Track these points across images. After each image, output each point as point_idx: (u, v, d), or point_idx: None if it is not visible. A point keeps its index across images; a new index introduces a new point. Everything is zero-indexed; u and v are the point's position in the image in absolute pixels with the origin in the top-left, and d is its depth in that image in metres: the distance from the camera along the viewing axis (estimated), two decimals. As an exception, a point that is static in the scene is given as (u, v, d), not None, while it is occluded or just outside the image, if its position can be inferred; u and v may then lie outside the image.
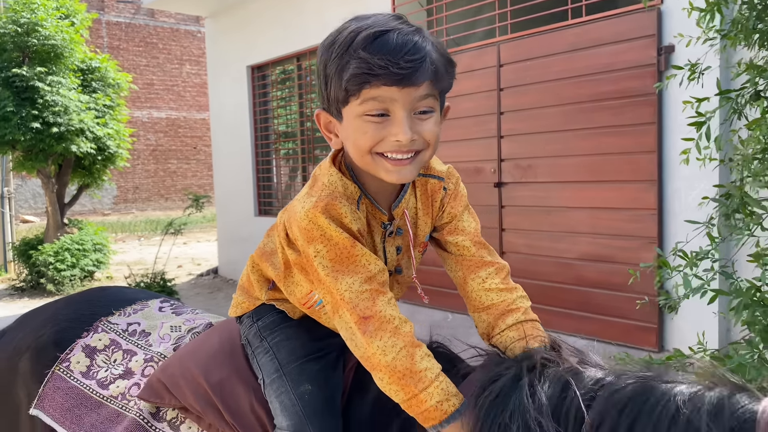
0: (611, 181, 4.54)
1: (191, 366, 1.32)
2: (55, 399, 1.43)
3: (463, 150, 5.62)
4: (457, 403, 1.03)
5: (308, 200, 1.12)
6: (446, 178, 1.30)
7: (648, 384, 0.89)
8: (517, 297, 1.26)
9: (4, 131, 8.40)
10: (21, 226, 16.56)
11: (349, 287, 1.07)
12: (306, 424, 1.10)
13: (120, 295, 1.70)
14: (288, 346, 1.21)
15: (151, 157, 23.82)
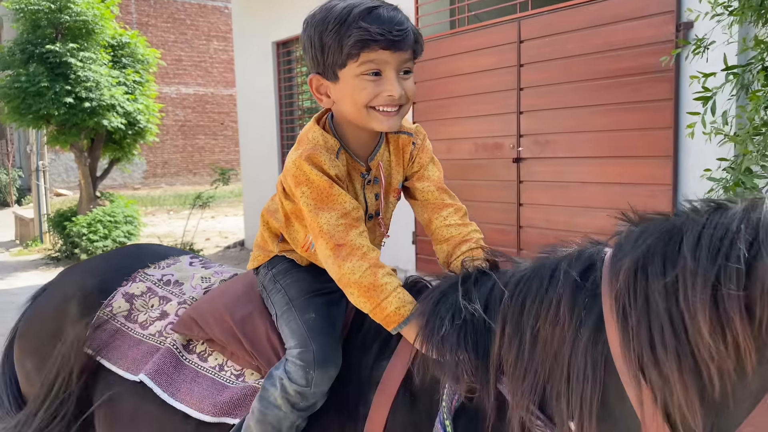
0: (628, 157, 4.60)
1: (218, 305, 1.53)
2: (101, 338, 1.63)
3: (482, 126, 5.70)
4: (411, 308, 1.24)
5: (295, 153, 1.35)
6: (415, 134, 1.51)
7: (538, 262, 1.12)
8: (471, 230, 1.47)
9: (39, 106, 8.68)
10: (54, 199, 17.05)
11: (327, 221, 1.28)
12: (309, 341, 1.30)
13: (154, 250, 1.92)
14: (297, 285, 1.42)
15: (180, 133, 24.18)
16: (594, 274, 1.00)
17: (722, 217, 0.87)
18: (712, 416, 0.84)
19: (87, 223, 9.39)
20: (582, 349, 0.94)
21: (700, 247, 0.85)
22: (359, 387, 1.28)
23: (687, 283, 0.84)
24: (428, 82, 6.22)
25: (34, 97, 8.69)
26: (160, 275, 1.74)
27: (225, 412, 1.40)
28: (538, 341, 1.01)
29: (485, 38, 5.59)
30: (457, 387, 1.10)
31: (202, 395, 1.44)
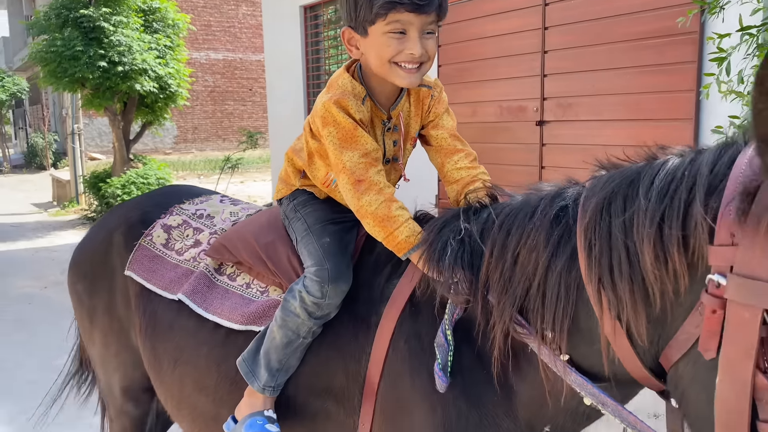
0: (650, 120, 4.63)
1: (246, 233, 1.71)
2: (143, 263, 1.83)
3: (506, 88, 5.74)
4: (419, 237, 1.39)
5: (325, 96, 1.48)
6: (433, 87, 1.63)
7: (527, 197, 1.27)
8: (479, 172, 1.61)
9: (74, 69, 8.92)
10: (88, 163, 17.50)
11: (349, 159, 1.43)
12: (324, 261, 1.47)
13: (189, 190, 2.13)
14: (315, 214, 1.58)
15: (209, 99, 24.42)
16: (569, 211, 1.14)
17: (675, 164, 1.02)
18: (658, 329, 1.01)
19: (121, 185, 9.69)
20: (557, 275, 1.10)
21: (652, 190, 1.00)
22: (371, 300, 1.45)
23: (639, 221, 0.99)
24: (453, 45, 6.26)
25: (69, 61, 8.93)
26: (194, 210, 1.93)
27: (251, 321, 1.58)
28: (518, 263, 1.17)
29: (510, 1, 5.60)
30: (455, 300, 1.25)
31: (231, 308, 1.63)
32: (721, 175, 0.93)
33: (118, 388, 1.93)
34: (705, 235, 0.92)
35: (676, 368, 0.99)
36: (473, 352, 1.27)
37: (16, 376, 4.18)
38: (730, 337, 0.87)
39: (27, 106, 28.82)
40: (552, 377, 1.15)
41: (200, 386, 1.65)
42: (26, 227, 9.99)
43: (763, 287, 0.83)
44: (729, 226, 0.88)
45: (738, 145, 0.97)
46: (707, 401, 0.92)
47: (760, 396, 0.85)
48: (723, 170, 0.94)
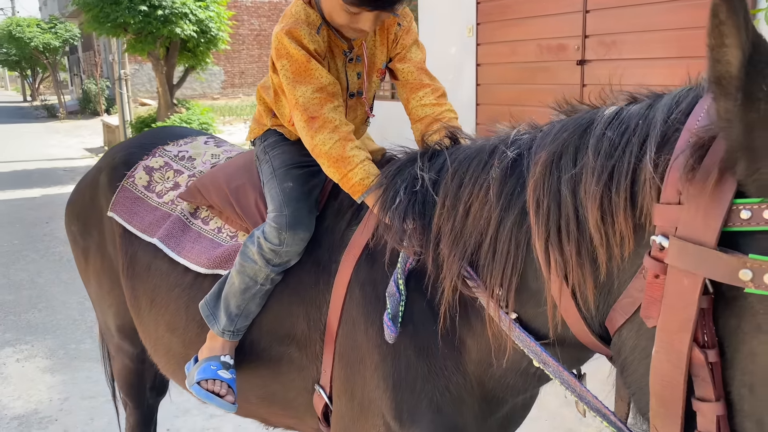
0: (698, 57, 4.34)
1: (219, 176, 1.68)
2: (125, 204, 1.83)
3: (545, 26, 5.48)
4: (375, 180, 1.32)
5: (278, 26, 1.39)
6: (401, 15, 1.51)
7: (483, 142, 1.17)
8: (444, 110, 1.50)
9: (116, 14, 9.00)
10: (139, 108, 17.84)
11: (303, 94, 1.35)
12: (284, 206, 1.42)
13: (176, 131, 2.10)
14: (281, 156, 1.52)
15: (255, 42, 24.34)
16: (524, 161, 1.05)
17: (630, 112, 0.91)
18: (605, 293, 0.94)
19: (165, 130, 9.85)
20: (508, 230, 1.03)
21: (603, 141, 0.90)
22: (332, 246, 1.40)
23: (587, 177, 0.90)
24: (493, -19, 5.99)
25: (111, 6, 9.00)
26: (176, 151, 1.91)
27: (217, 265, 1.57)
28: (469, 216, 1.09)
29: (553, -69, 5.28)
30: (406, 250, 1.19)
31: (200, 251, 1.62)
32: (677, 124, 0.83)
33: (114, 326, 1.97)
34: (653, 192, 0.83)
35: (619, 334, 0.92)
36: (425, 302, 1.21)
37: (60, 313, 4.38)
38: (668, 305, 0.79)
39: (81, 53, 29.42)
40: (498, 334, 1.09)
41: (172, 327, 1.67)
42: (77, 171, 10.30)
43: (705, 253, 0.74)
44: (676, 182, 0.79)
45: (700, 88, 0.85)
46: (645, 372, 0.85)
47: (696, 372, 0.78)
48: (679, 118, 0.83)
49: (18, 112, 27.69)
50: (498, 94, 6.22)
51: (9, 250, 5.95)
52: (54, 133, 17.41)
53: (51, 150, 13.39)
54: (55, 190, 8.80)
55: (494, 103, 6.28)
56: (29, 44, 23.06)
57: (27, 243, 6.17)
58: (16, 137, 16.50)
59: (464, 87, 6.62)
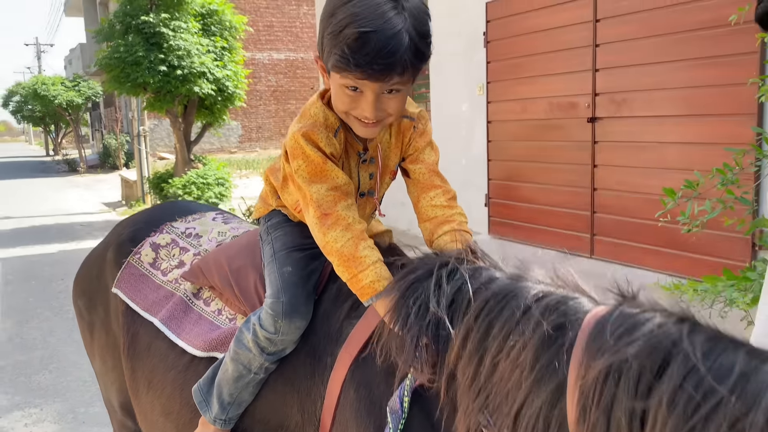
0: (707, 115, 4.35)
1: (221, 256, 1.67)
2: (129, 281, 1.83)
3: (557, 84, 5.54)
4: (386, 284, 1.27)
5: (296, 126, 1.39)
6: (417, 119, 1.50)
7: (514, 284, 1.07)
8: (454, 213, 1.46)
9: (136, 74, 9.25)
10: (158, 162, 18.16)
11: (317, 191, 1.34)
12: (281, 293, 1.40)
13: (185, 207, 2.10)
14: (282, 239, 1.51)
15: (272, 98, 24.86)
16: (567, 336, 0.94)
17: (720, 363, 0.76)
18: None
19: (182, 185, 9.99)
20: (538, 406, 0.93)
21: (683, 391, 0.76)
22: (329, 337, 1.36)
23: (656, 425, 0.77)
24: (502, 40, 6.10)
25: (131, 66, 9.26)
26: (184, 228, 1.92)
27: (213, 348, 1.55)
28: (496, 373, 1.00)
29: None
30: (417, 377, 1.13)
31: (198, 333, 1.61)
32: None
33: (117, 403, 1.95)
34: None
35: None
36: (427, 421, 1.14)
37: (70, 374, 4.36)
38: None
39: (102, 109, 30.22)
40: None
41: (166, 411, 1.63)
42: (94, 226, 10.44)
43: None
44: None
45: None
46: None
47: None
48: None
49: (40, 166, 28.30)
50: (509, 150, 6.25)
51: (24, 307, 5.98)
52: (74, 187, 17.72)
53: (70, 204, 13.61)
54: (72, 245, 8.89)
55: (506, 159, 6.31)
56: (53, 101, 23.77)
57: (42, 300, 6.19)
58: (37, 191, 16.82)
59: (476, 143, 6.68)
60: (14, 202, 14.39)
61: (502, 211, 6.38)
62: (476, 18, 6.40)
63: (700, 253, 4.45)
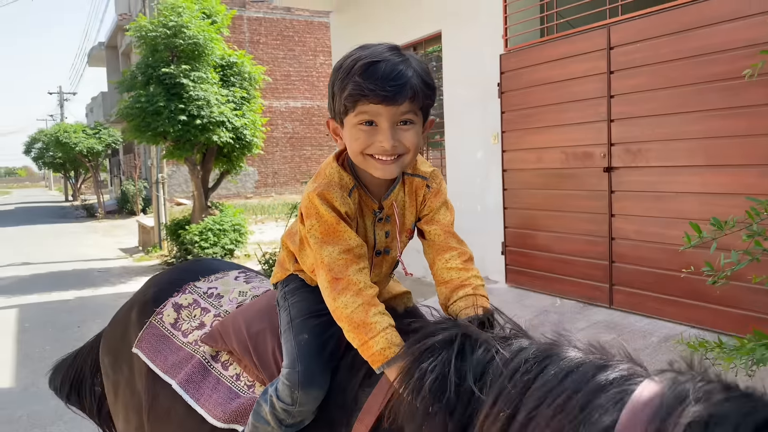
0: (726, 166, 4.34)
1: (240, 320, 1.67)
2: (150, 342, 1.83)
3: (571, 134, 5.58)
4: (397, 351, 1.27)
5: (311, 186, 1.42)
6: (430, 178, 1.53)
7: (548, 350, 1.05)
8: (471, 276, 1.45)
9: (157, 124, 9.44)
10: (175, 208, 18.37)
11: (329, 254, 1.35)
12: (297, 362, 1.38)
13: (208, 265, 2.11)
14: (299, 305, 1.51)
15: (288, 145, 25.25)
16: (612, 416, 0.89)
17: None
18: None
19: (198, 232, 10.06)
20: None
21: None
22: (344, 408, 1.34)
23: None
24: (517, 91, 6.18)
25: (152, 116, 9.46)
26: (206, 288, 1.93)
27: (233, 419, 1.53)
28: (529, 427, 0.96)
29: (575, 46, 5.48)
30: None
31: (217, 401, 1.59)
32: None
33: None
34: None
35: None
36: None
37: (86, 426, 4.31)
38: None
39: (121, 155, 30.78)
40: None
41: None
42: (112, 272, 10.50)
43: None
44: None
45: None
46: None
47: None
48: None
49: (59, 211, 28.70)
50: (525, 198, 6.26)
51: (41, 356, 5.97)
52: (92, 233, 17.91)
53: (87, 250, 13.73)
54: (89, 292, 8.93)
55: (522, 208, 6.31)
56: (74, 148, 24.26)
57: (57, 348, 6.18)
58: (56, 237, 17.01)
59: (491, 191, 6.69)
60: (33, 247, 14.56)
61: (519, 260, 6.34)
62: (490, 69, 6.50)
63: (723, 305, 4.38)
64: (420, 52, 8.09)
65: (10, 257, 12.71)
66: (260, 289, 1.88)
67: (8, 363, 5.79)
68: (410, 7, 7.89)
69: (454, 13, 7.22)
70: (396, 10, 8.20)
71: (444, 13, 7.38)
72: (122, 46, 27.94)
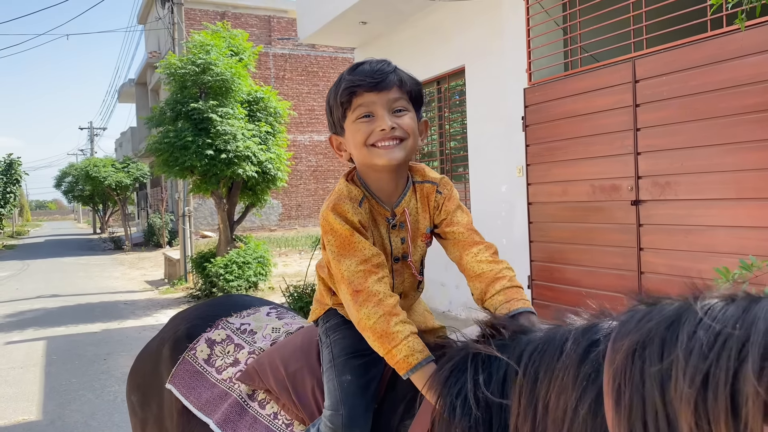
0: (756, 199, 4.27)
1: (276, 358, 1.66)
2: (184, 378, 1.82)
3: (599, 167, 5.54)
4: (420, 358, 1.29)
5: (324, 205, 1.48)
6: (440, 184, 1.59)
7: (548, 334, 1.15)
8: (503, 267, 1.48)
9: (184, 158, 9.60)
10: (200, 240, 18.54)
11: (347, 268, 1.38)
12: (340, 405, 1.38)
13: (239, 301, 2.11)
14: (342, 343, 1.50)
15: (312, 177, 25.48)
16: (598, 348, 1.03)
17: (725, 312, 0.87)
18: None
19: (224, 264, 10.13)
20: (582, 419, 0.98)
21: (694, 340, 0.87)
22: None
23: (677, 377, 0.86)
24: (543, 124, 6.18)
25: (180, 151, 9.63)
26: (239, 324, 1.92)
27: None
28: (549, 411, 1.04)
29: (599, 79, 5.48)
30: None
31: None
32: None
33: None
34: (758, 411, 0.76)
35: None
36: None
37: (109, 460, 4.31)
38: None
39: (149, 189, 31.30)
40: None
41: None
42: (137, 305, 10.59)
43: None
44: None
45: None
46: None
47: None
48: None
49: (87, 244, 29.16)
50: (551, 232, 6.21)
51: (67, 388, 6.01)
52: (118, 265, 18.13)
53: (114, 282, 13.89)
54: (115, 324, 9.00)
55: (548, 241, 6.26)
56: (103, 182, 24.74)
57: (84, 382, 6.23)
58: (84, 269, 17.25)
59: (517, 224, 6.65)
60: (61, 279, 14.77)
61: (546, 294, 6.26)
62: (514, 102, 6.52)
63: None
64: (443, 86, 8.16)
65: (40, 289, 12.91)
66: (293, 326, 1.88)
67: (36, 395, 5.83)
68: (434, 42, 7.99)
69: (478, 48, 7.29)
70: (419, 45, 8.31)
71: (468, 47, 7.46)
72: (151, 83, 28.68)
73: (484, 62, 7.20)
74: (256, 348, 1.83)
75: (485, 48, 7.14)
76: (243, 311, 1.99)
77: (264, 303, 2.10)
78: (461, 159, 7.97)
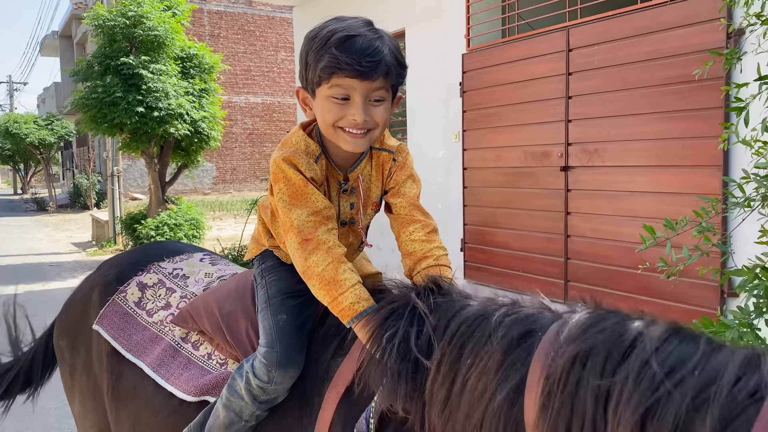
0: (676, 166, 4.51)
1: (211, 301, 1.67)
2: (113, 320, 1.81)
3: (530, 134, 5.70)
4: (365, 305, 1.31)
5: (277, 153, 1.44)
6: (396, 152, 1.56)
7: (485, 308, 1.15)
8: (433, 247, 1.50)
9: (113, 115, 9.23)
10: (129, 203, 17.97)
11: (298, 217, 1.37)
12: (275, 342, 1.40)
13: (171, 247, 2.10)
14: (277, 284, 1.52)
15: (248, 141, 24.97)
16: (531, 340, 1.02)
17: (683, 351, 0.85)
18: None
19: (155, 226, 9.88)
20: (498, 405, 0.99)
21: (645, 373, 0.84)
22: (316, 378, 1.37)
23: (619, 401, 0.84)
24: (478, 90, 6.27)
25: (109, 107, 9.24)
26: (171, 268, 1.92)
27: (205, 392, 1.54)
28: (466, 389, 1.05)
29: (534, 47, 5.60)
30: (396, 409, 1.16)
31: (188, 379, 1.59)
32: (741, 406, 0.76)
33: None
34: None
35: None
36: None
37: (35, 420, 4.21)
38: None
39: (75, 148, 29.95)
40: None
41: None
42: (63, 267, 10.23)
43: None
44: None
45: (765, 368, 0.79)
46: None
47: None
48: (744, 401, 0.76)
49: (8, 204, 27.75)
50: (484, 196, 6.36)
51: (-13, 350, 5.78)
52: (42, 227, 17.38)
53: (38, 244, 13.33)
54: (40, 286, 8.68)
55: (481, 205, 6.41)
56: (25, 140, 23.50)
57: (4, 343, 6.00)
58: (4, 230, 16.45)
59: (452, 189, 6.77)
60: (-20, 241, 14.05)
61: (477, 256, 6.44)
62: (453, 68, 6.58)
63: (672, 300, 4.53)
64: (383, 50, 8.12)
65: (-45, 250, 12.25)
66: (226, 272, 1.88)
67: (-47, 357, 5.58)
68: (374, 4, 7.92)
69: (417, 12, 7.28)
70: (359, 8, 8.21)
71: (408, 11, 7.44)
72: (77, 36, 27.18)
73: (424, 27, 7.21)
74: (188, 292, 1.82)
75: (426, 12, 7.14)
76: (176, 257, 1.98)
77: (197, 250, 2.09)
78: (400, 124, 8.01)
